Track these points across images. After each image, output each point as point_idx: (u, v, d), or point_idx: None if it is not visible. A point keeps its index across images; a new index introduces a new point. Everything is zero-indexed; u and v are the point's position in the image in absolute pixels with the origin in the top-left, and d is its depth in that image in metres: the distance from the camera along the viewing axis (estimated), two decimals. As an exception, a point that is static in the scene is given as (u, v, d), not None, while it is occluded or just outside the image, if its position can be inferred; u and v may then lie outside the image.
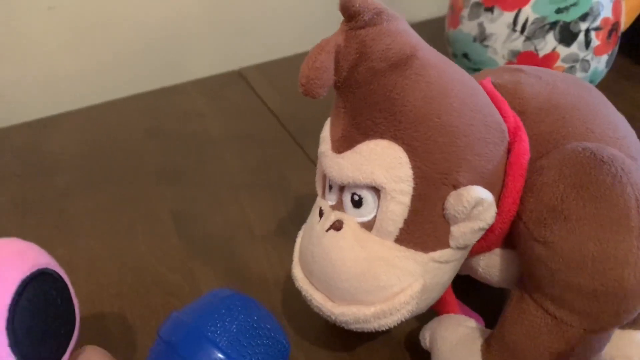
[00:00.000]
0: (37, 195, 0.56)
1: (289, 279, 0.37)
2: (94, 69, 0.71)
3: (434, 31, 0.31)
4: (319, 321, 0.41)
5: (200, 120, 0.65)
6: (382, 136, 0.29)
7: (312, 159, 0.58)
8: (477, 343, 0.33)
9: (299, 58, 0.38)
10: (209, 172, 0.57)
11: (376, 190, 0.30)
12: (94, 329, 0.42)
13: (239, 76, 0.73)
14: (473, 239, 0.30)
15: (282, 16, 0.77)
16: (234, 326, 0.29)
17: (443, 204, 0.29)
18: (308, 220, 0.35)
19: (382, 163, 0.29)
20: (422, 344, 0.36)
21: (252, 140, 0.61)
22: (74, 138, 0.63)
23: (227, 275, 0.46)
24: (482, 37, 0.55)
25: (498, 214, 0.30)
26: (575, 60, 0.54)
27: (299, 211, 0.52)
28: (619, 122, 0.33)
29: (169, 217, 0.52)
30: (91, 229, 0.51)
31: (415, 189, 0.29)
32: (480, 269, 0.34)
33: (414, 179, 0.29)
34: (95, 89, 0.71)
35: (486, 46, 0.55)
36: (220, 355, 0.28)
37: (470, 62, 0.57)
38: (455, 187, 0.29)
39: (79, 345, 0.33)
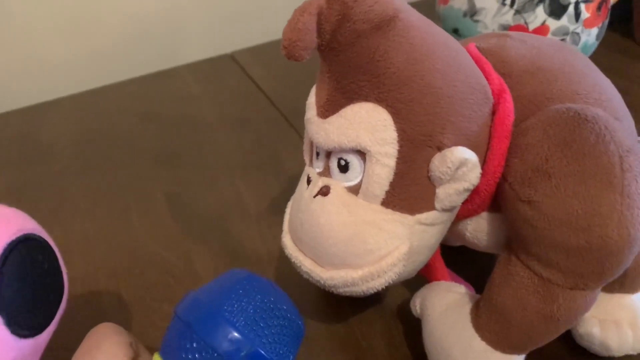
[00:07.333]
0: (33, 181, 0.56)
1: (283, 256, 0.37)
2: (87, 55, 0.71)
3: (424, 12, 0.31)
4: (313, 295, 0.42)
5: (194, 103, 0.65)
6: (366, 99, 0.29)
7: (305, 139, 0.58)
8: (467, 307, 0.33)
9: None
10: (203, 154, 0.58)
11: (362, 154, 0.30)
12: (90, 308, 0.43)
13: (232, 59, 0.73)
14: (458, 200, 0.30)
15: (274, -1, 0.77)
16: (251, 307, 0.29)
17: (428, 165, 0.30)
18: (297, 189, 0.35)
19: (367, 126, 0.29)
20: (413, 311, 0.36)
21: (245, 122, 0.61)
22: (69, 123, 0.64)
23: (222, 253, 0.46)
24: (472, 12, 0.55)
25: (483, 175, 0.30)
26: (566, 33, 0.54)
27: (292, 190, 0.51)
28: (605, 85, 0.33)
29: (164, 199, 0.52)
30: (87, 212, 0.52)
31: (400, 151, 0.29)
32: (468, 234, 0.34)
33: (399, 141, 0.29)
34: (89, 74, 0.71)
35: (476, 21, 0.55)
36: (237, 335, 0.28)
37: (461, 38, 0.57)
38: (439, 149, 0.29)
39: (61, 322, 0.33)
